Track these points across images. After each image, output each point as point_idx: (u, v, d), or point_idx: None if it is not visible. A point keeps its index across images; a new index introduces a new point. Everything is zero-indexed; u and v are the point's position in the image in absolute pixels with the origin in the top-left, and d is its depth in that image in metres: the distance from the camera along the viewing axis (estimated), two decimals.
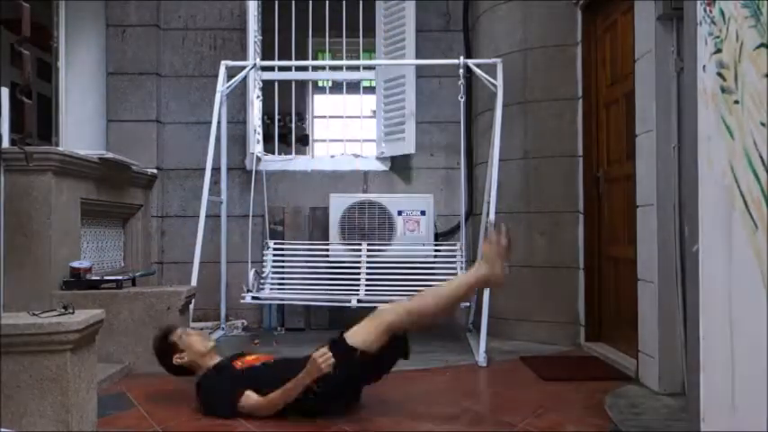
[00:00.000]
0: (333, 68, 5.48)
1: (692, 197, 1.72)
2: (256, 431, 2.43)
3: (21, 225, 3.19)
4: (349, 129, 5.03)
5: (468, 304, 4.11)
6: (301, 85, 5.61)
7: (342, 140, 5.10)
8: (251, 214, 4.47)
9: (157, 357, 2.83)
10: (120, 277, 3.54)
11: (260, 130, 4.89)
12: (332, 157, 5.05)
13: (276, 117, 5.24)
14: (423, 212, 4.48)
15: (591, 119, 4.00)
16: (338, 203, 4.51)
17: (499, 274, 2.59)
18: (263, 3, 5.00)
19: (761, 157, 1.36)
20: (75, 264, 3.39)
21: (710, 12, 1.60)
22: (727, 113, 1.51)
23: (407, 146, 4.77)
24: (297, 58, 4.96)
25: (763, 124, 1.36)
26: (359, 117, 5.09)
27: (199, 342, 2.78)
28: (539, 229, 4.15)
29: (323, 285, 4.29)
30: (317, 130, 6.52)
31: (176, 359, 2.75)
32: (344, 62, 5.53)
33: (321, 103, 6.49)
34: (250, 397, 2.51)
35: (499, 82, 4.04)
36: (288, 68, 5.01)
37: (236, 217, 4.77)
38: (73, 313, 2.23)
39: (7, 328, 2.05)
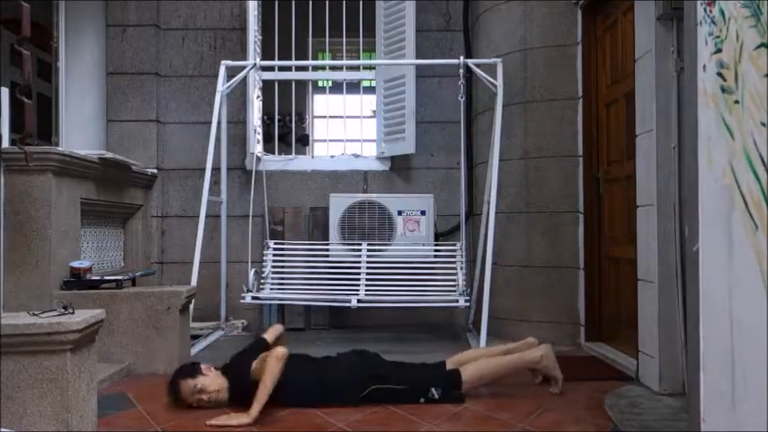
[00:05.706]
0: (333, 68, 5.49)
1: (692, 197, 1.72)
2: (257, 431, 2.43)
3: (21, 225, 3.20)
4: (349, 129, 5.03)
5: (468, 304, 4.10)
6: (301, 85, 5.62)
7: (342, 140, 5.09)
8: (251, 214, 4.46)
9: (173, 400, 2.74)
10: (120, 277, 3.53)
11: (260, 130, 4.89)
12: (332, 157, 5.04)
13: (276, 117, 5.23)
14: (423, 212, 4.48)
15: (591, 119, 4.00)
16: (338, 203, 4.50)
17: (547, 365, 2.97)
18: (263, 3, 5.00)
19: (761, 157, 1.36)
20: (75, 264, 3.40)
21: (711, 12, 1.60)
22: (728, 113, 1.51)
23: (407, 146, 4.76)
24: (297, 58, 4.95)
25: (763, 124, 1.36)
26: (359, 117, 5.09)
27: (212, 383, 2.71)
28: (539, 229, 4.15)
29: (323, 285, 4.28)
30: (317, 130, 6.53)
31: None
32: (344, 62, 5.53)
33: (321, 103, 6.50)
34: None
35: (499, 82, 4.04)
36: (288, 68, 5.01)
37: (236, 217, 4.77)
38: (73, 313, 2.23)
39: (7, 328, 2.05)
